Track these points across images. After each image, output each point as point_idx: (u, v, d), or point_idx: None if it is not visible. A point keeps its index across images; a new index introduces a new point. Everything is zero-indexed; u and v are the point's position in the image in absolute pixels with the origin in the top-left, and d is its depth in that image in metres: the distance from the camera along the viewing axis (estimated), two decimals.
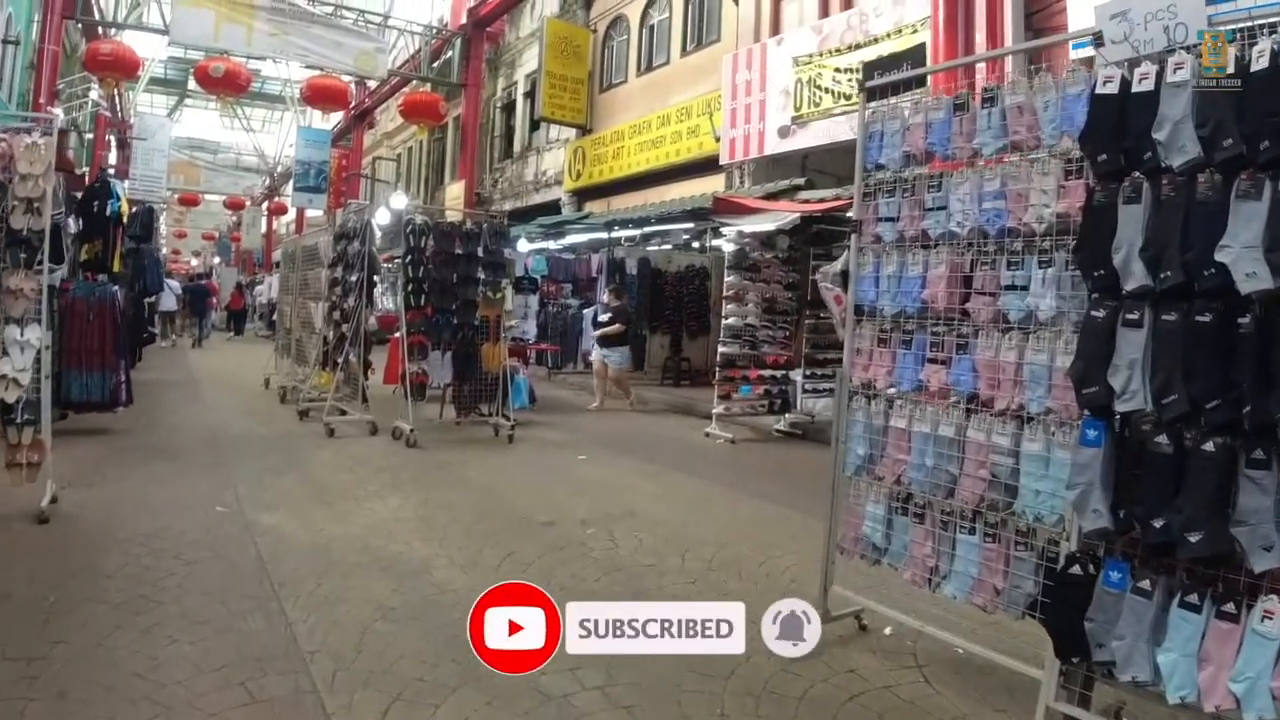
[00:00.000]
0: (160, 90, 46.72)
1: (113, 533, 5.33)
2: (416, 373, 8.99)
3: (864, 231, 4.10)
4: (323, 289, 10.62)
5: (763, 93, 14.73)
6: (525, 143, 24.22)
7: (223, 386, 13.58)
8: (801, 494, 7.38)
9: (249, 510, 5.97)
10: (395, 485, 7.00)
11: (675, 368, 15.18)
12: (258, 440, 8.88)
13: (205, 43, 19.69)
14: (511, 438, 9.27)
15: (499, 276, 9.43)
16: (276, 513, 5.93)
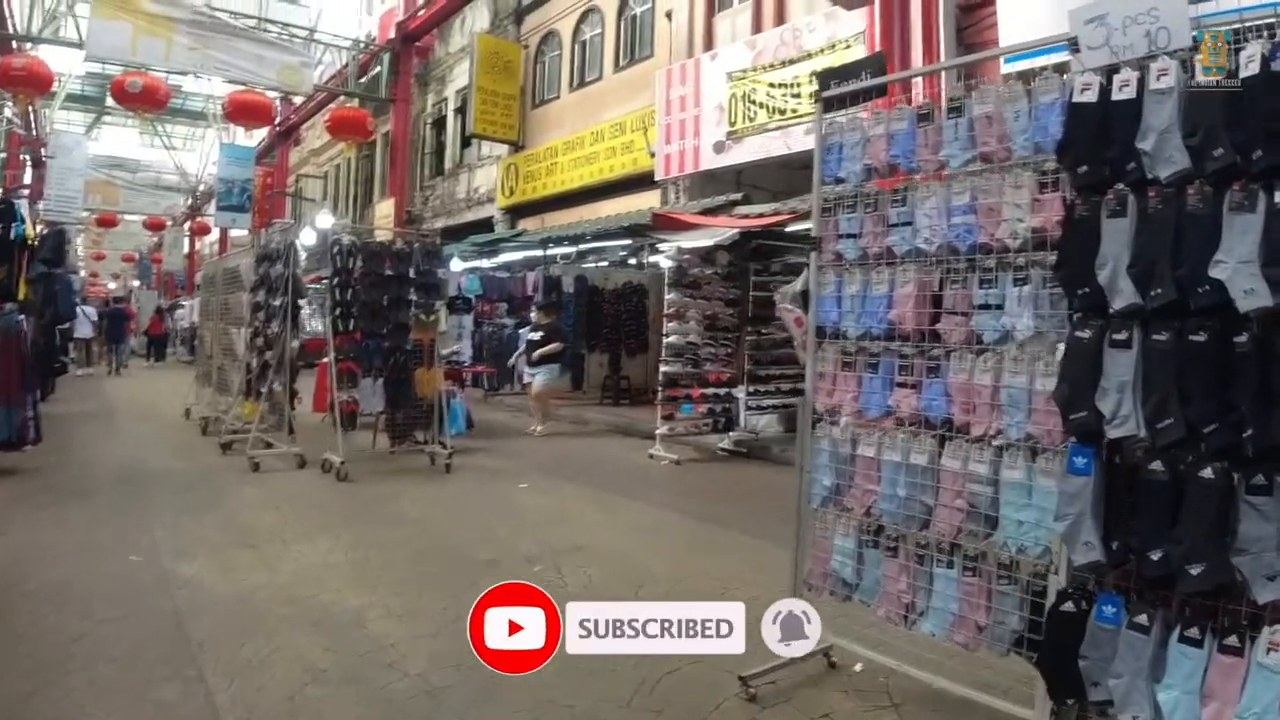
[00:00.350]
0: (78, 108, 45.03)
1: (18, 586, 4.85)
2: (346, 401, 8.53)
3: (824, 249, 3.86)
4: (245, 313, 10.09)
5: (697, 108, 14.59)
6: (457, 159, 23.76)
7: (141, 418, 12.88)
8: (753, 517, 7.16)
9: (166, 558, 5.49)
10: (325, 524, 6.56)
11: (615, 387, 14.89)
12: (177, 477, 8.32)
13: (122, 57, 18.81)
14: (449, 467, 8.85)
15: (432, 298, 9.03)
16: (195, 560, 5.46)
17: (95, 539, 5.90)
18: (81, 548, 5.63)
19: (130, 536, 5.99)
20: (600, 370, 15.09)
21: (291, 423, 9.12)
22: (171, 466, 8.86)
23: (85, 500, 7.12)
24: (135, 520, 6.51)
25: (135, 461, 9.07)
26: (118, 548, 5.66)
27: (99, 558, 5.44)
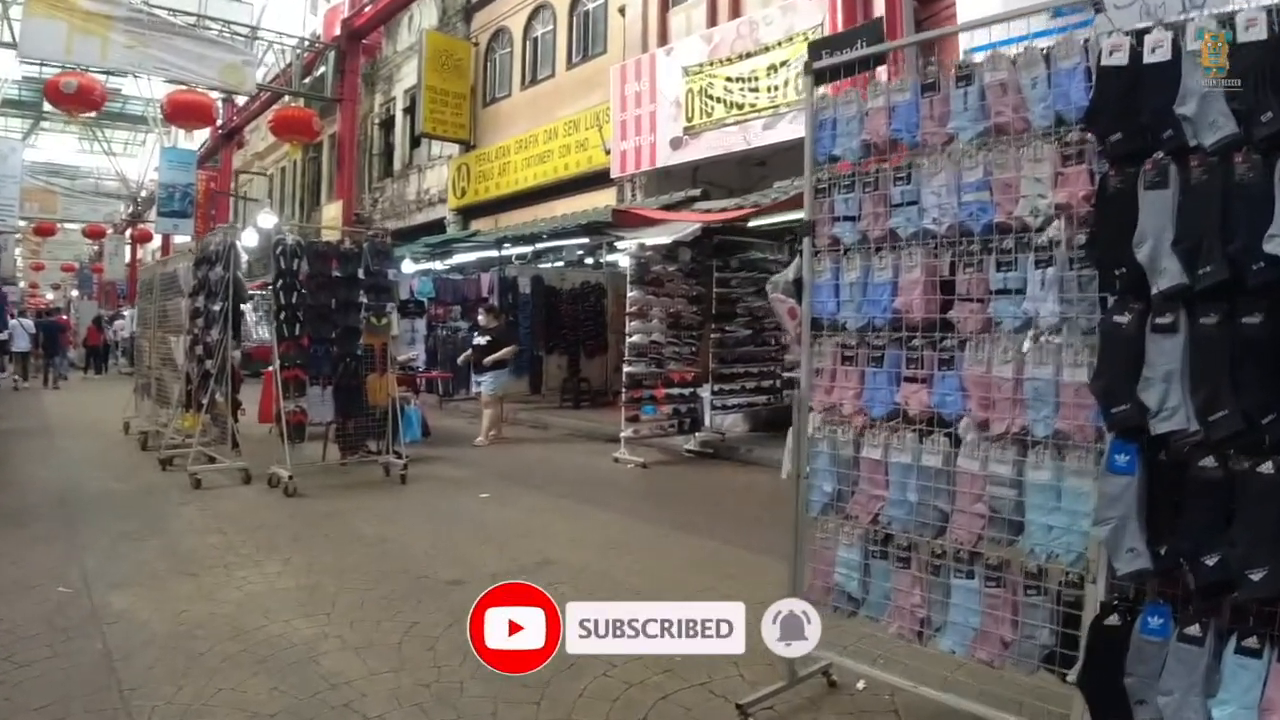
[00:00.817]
0: (14, 113, 43.45)
1: None
2: (293, 411, 8.03)
3: (818, 233, 3.52)
4: (184, 320, 9.53)
5: (653, 104, 14.26)
6: (406, 160, 23.17)
7: (78, 434, 12.17)
8: (728, 523, 6.86)
9: (97, 590, 4.99)
10: (273, 546, 6.07)
11: (574, 389, 14.47)
12: (114, 498, 7.75)
13: (57, 57, 17.93)
14: (404, 478, 8.39)
15: (383, 301, 8.55)
16: (130, 591, 4.97)
17: (21, 571, 5.36)
18: (6, 581, 5.10)
19: (60, 567, 5.47)
20: (559, 372, 14.67)
21: (235, 435, 8.58)
22: (109, 487, 8.27)
23: (13, 527, 6.54)
24: (66, 548, 5.98)
25: (70, 482, 8.47)
26: (45, 580, 5.14)
27: (24, 592, 4.92)
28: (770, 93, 12.29)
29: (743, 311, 10.99)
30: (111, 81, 38.32)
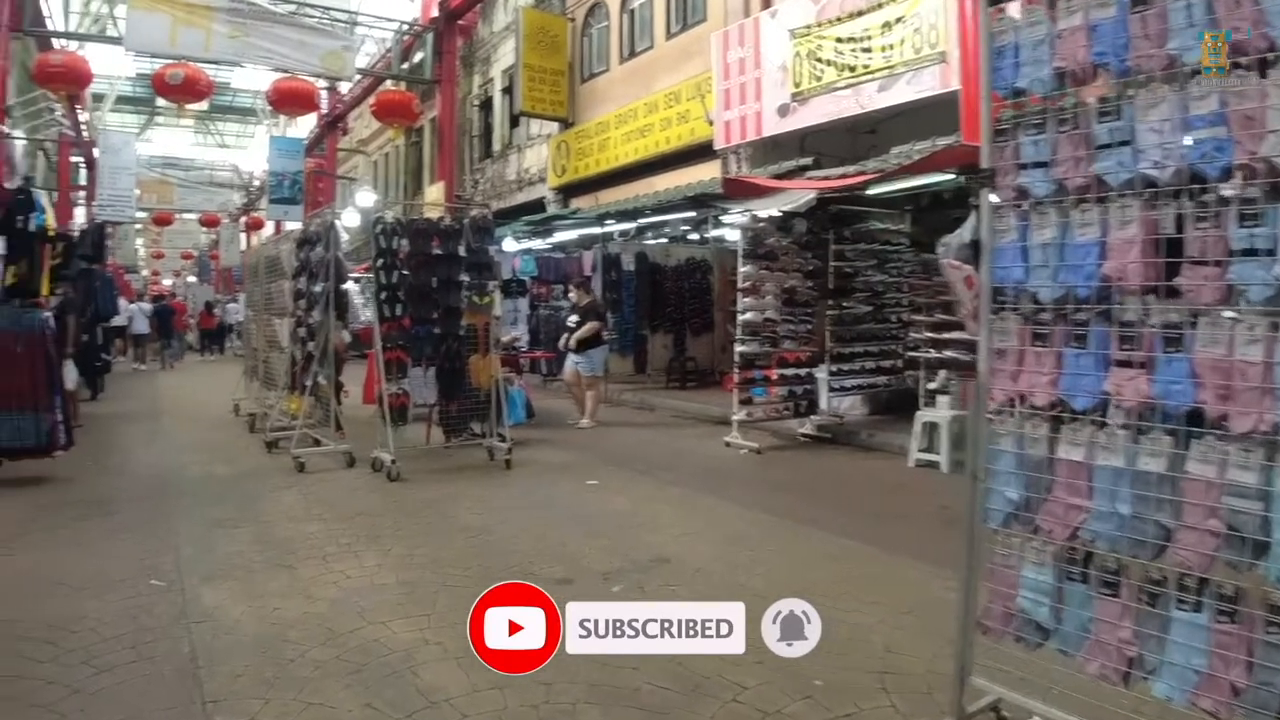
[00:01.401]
0: (130, 110, 45.38)
1: (14, 625, 4.11)
2: (396, 393, 7.76)
3: (1001, 184, 2.92)
4: (287, 303, 9.40)
5: (758, 70, 13.57)
6: (505, 140, 22.99)
7: (187, 417, 12.31)
8: (853, 516, 6.28)
9: (189, 583, 4.75)
10: (372, 536, 5.79)
11: (680, 369, 13.99)
12: (216, 483, 7.64)
13: (162, 49, 18.26)
14: (509, 462, 8.06)
15: (485, 279, 8.20)
16: (223, 586, 4.71)
17: (113, 562, 5.17)
18: (96, 574, 4.89)
19: (154, 558, 5.27)
20: (664, 352, 14.18)
21: (338, 418, 8.40)
22: (212, 471, 8.19)
23: (111, 514, 6.44)
24: (162, 536, 5.80)
25: (174, 466, 8.43)
26: (137, 573, 4.93)
27: (114, 585, 4.70)
28: (884, 52, 11.48)
29: (862, 286, 10.31)
30: (220, 75, 39.81)
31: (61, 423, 7.60)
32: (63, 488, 7.35)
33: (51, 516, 6.33)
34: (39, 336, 7.45)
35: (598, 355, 10.99)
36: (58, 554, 5.38)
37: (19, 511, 6.47)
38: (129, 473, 8.12)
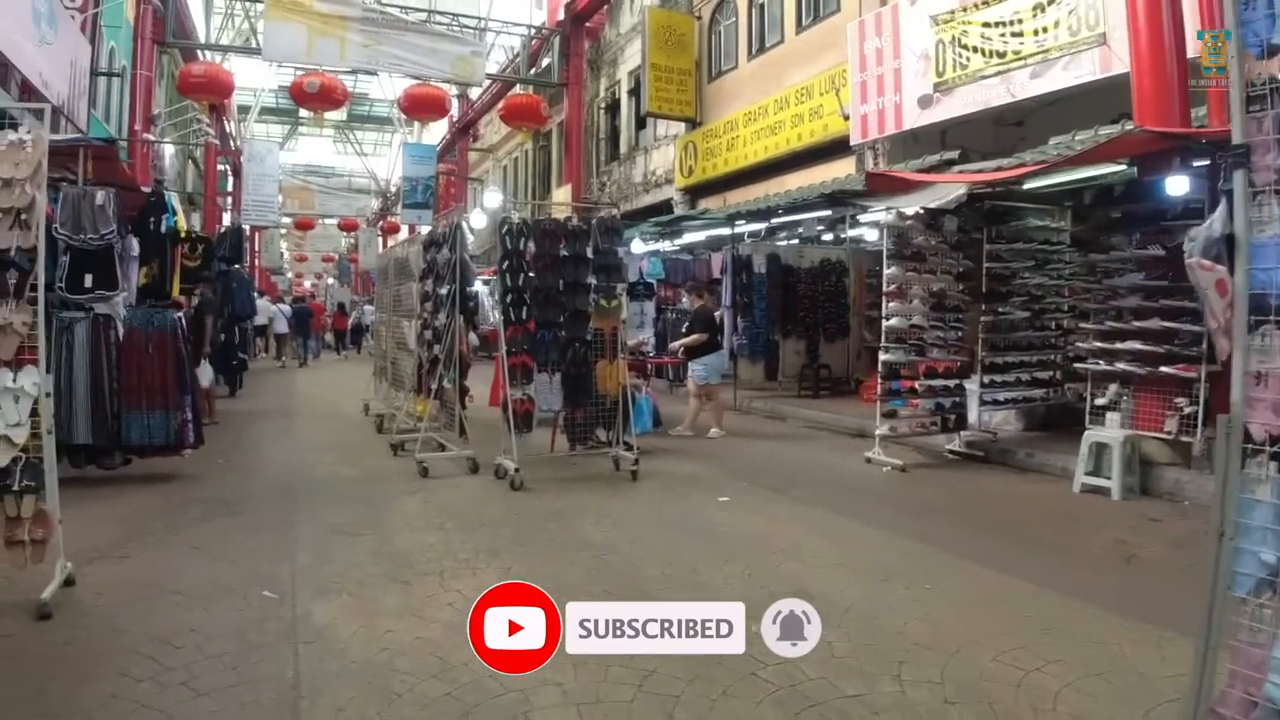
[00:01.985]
0: (274, 120, 47.53)
1: (121, 636, 3.94)
2: (521, 399, 7.47)
3: (1259, 164, 2.29)
4: (414, 305, 9.28)
5: (897, 60, 12.81)
6: (632, 142, 22.75)
7: (319, 416, 12.45)
8: (1018, 549, 5.61)
9: (302, 596, 4.50)
10: (493, 549, 5.45)
11: (813, 377, 13.32)
12: (340, 485, 7.51)
13: (299, 59, 18.86)
14: (635, 474, 7.64)
15: (613, 281, 7.83)
16: (335, 601, 4.44)
17: (228, 568, 5.01)
18: (209, 581, 4.71)
19: (269, 565, 5.08)
20: (796, 358, 13.52)
21: (463, 423, 8.17)
22: (338, 472, 8.09)
23: (233, 515, 6.35)
24: (281, 542, 5.64)
25: (301, 467, 8.38)
26: (251, 581, 4.72)
27: (226, 594, 4.50)
28: (1037, 36, 10.61)
29: (1018, 289, 9.47)
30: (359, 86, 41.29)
31: (191, 421, 7.62)
32: (190, 486, 7.36)
33: (176, 516, 6.29)
34: (170, 336, 7.48)
35: (712, 362, 10.39)
36: (175, 557, 5.26)
37: (146, 509, 6.47)
38: (257, 472, 8.10)
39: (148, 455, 7.58)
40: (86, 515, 6.07)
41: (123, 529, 5.93)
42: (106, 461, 7.55)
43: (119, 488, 7.22)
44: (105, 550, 5.36)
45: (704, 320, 10.43)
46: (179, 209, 7.46)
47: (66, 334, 7.37)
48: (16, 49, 9.79)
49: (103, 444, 7.43)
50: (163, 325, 7.48)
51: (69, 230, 7.32)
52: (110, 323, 7.47)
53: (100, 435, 7.40)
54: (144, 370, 7.43)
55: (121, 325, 7.46)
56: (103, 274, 7.39)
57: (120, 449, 7.50)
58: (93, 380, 7.37)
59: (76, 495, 6.73)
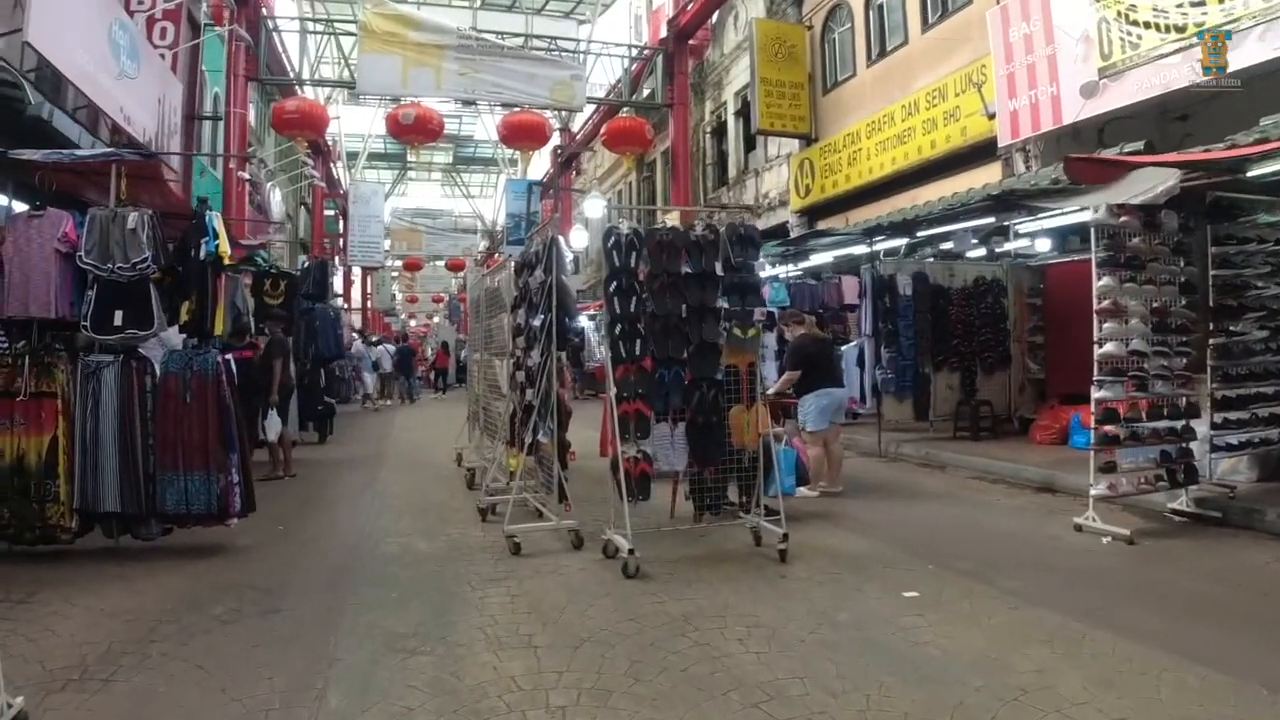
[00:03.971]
0: (383, 166, 47.64)
1: None
2: (635, 459, 5.69)
3: None
4: (506, 340, 7.68)
5: (1050, 46, 10.77)
6: (741, 166, 20.99)
7: (407, 466, 10.91)
8: None
9: None
10: (600, 690, 3.66)
11: (972, 415, 11.14)
12: (409, 567, 5.83)
13: (393, 91, 17.91)
14: (784, 553, 5.78)
15: (750, 304, 6.00)
16: None
17: (236, 706, 3.40)
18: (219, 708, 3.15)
19: (288, 706, 3.44)
20: (949, 394, 11.36)
21: (563, 487, 6.41)
22: (410, 546, 6.44)
23: (266, 614, 4.76)
24: (313, 663, 4.01)
25: (370, 537, 6.78)
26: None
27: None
28: (1222, 4, 8.50)
29: (1251, 303, 7.29)
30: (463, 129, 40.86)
31: (239, 484, 6.12)
32: (231, 564, 5.87)
33: (196, 612, 4.79)
34: (211, 383, 6.02)
35: (821, 404, 8.12)
36: (171, 685, 3.76)
37: (165, 600, 5.03)
38: (316, 545, 6.52)
39: (187, 525, 6.14)
40: (93, 608, 4.85)
41: (125, 631, 4.49)
42: (143, 531, 6.15)
43: (150, 565, 5.83)
44: (90, 668, 3.98)
45: (800, 355, 8.19)
46: (221, 231, 6.00)
47: (93, 380, 6.00)
48: (91, 81, 8.79)
49: (133, 511, 6.01)
50: (203, 370, 6.02)
51: (95, 259, 5.98)
52: (145, 367, 6.07)
53: (131, 501, 6.00)
54: (181, 423, 5.99)
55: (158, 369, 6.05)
56: (135, 310, 6.01)
57: (155, 516, 6.07)
58: (122, 435, 5.97)
59: (98, 574, 5.61)
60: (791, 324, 7.94)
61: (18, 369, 5.95)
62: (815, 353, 8.05)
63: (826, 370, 8.20)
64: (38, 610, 4.88)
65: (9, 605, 4.97)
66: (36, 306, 5.97)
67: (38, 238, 6.01)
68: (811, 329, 8.17)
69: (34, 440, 5.92)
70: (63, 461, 5.93)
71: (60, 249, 5.98)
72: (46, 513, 5.92)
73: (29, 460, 5.91)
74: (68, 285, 6.04)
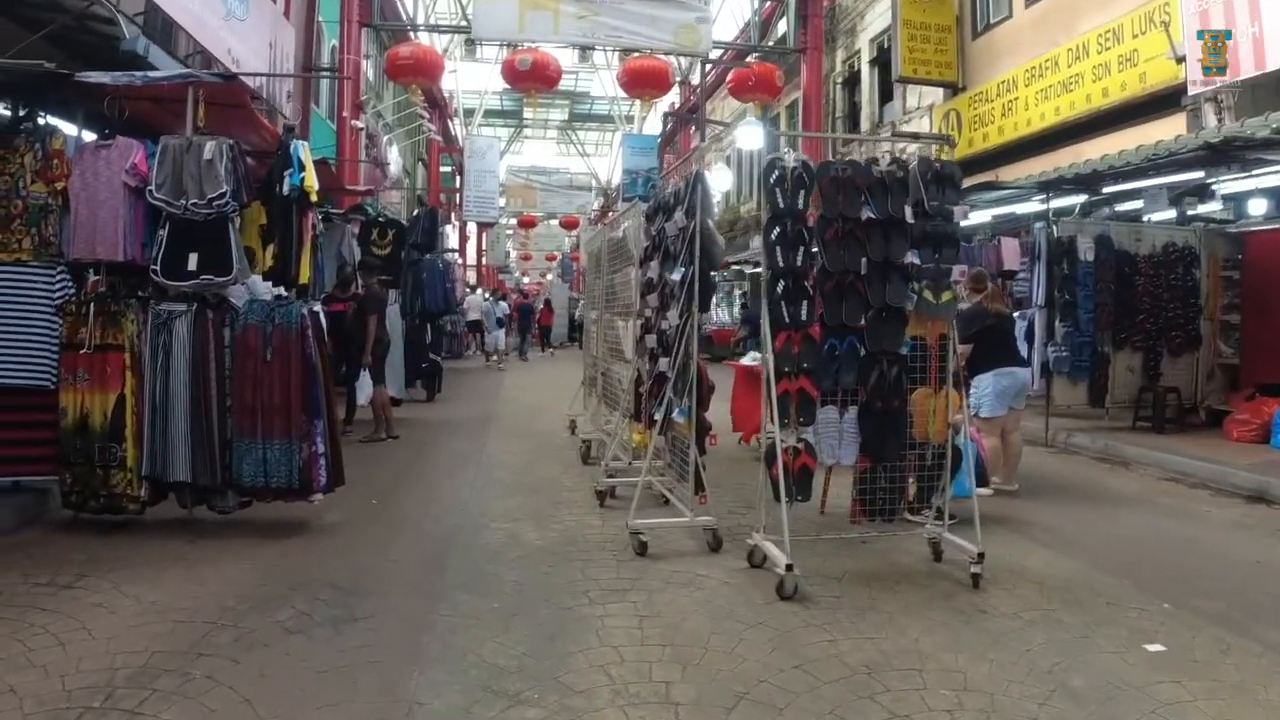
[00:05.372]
0: (500, 124, 47.06)
1: None
2: (796, 450, 4.48)
3: None
4: (633, 298, 6.54)
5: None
6: (875, 119, 19.22)
7: (517, 433, 9.93)
8: None
9: None
10: None
11: (1156, 403, 9.44)
12: (514, 566, 4.79)
13: (509, 36, 16.88)
14: (978, 578, 4.51)
15: (946, 261, 4.66)
16: None
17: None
18: None
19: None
20: (1130, 377, 9.64)
21: (700, 476, 5.22)
22: (518, 536, 5.41)
23: (339, 624, 3.82)
24: (389, 701, 3.06)
25: (470, 519, 5.79)
26: None
27: None
28: None
29: None
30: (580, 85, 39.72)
31: (324, 455, 5.20)
32: (312, 549, 4.98)
33: (259, 615, 3.92)
34: (296, 339, 5.09)
35: (989, 387, 6.62)
36: None
37: (227, 595, 4.17)
38: (410, 528, 5.56)
39: (265, 499, 5.27)
40: (143, 601, 4.04)
41: (173, 636, 3.66)
42: (219, 503, 5.31)
43: (221, 545, 5.02)
44: (116, 692, 3.15)
45: (976, 325, 6.48)
46: (308, 162, 5.02)
47: (164, 332, 5.14)
48: (196, 20, 8.14)
49: (205, 482, 5.17)
50: (286, 323, 5.09)
51: (168, 194, 5.09)
52: (223, 318, 5.18)
53: (203, 471, 5.15)
54: (260, 384, 5.09)
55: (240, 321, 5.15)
56: (212, 253, 5.11)
57: (231, 488, 5.22)
58: (195, 395, 5.11)
59: (160, 554, 4.82)
60: (970, 288, 6.48)
61: (82, 318, 5.16)
62: (995, 325, 6.59)
63: (1006, 346, 6.76)
64: (81, 600, 4.07)
65: (52, 591, 4.18)
66: (104, 248, 5.16)
67: (106, 170, 5.18)
68: (995, 296, 6.70)
69: (99, 399, 5.14)
70: (130, 423, 5.13)
71: (129, 182, 5.14)
72: (111, 480, 5.15)
73: (93, 421, 5.14)
74: (139, 224, 5.21)
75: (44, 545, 4.98)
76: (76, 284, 5.46)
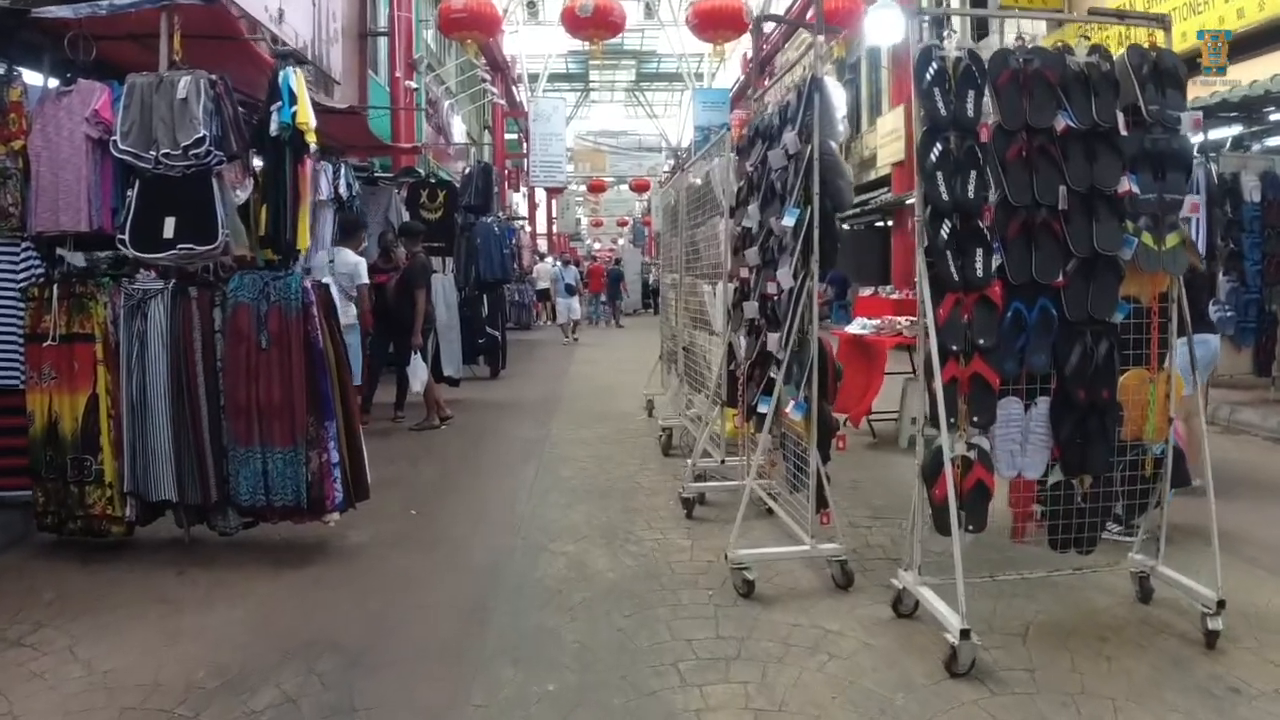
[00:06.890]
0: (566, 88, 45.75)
1: None
2: (967, 461, 3.16)
3: None
4: (721, 256, 5.25)
5: None
6: None
7: (586, 416, 8.70)
8: None
9: None
10: None
11: None
12: (578, 616, 3.57)
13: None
14: (1213, 636, 3.14)
15: (1172, 192, 3.24)
16: None
17: None
18: None
19: None
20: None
21: (823, 490, 3.89)
22: (583, 564, 4.19)
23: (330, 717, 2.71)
24: None
25: (525, 540, 4.57)
26: None
27: None
28: None
29: None
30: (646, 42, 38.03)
31: (338, 465, 4.08)
32: (324, 586, 3.88)
33: (230, 700, 2.81)
34: (296, 320, 3.95)
35: (1180, 358, 5.15)
36: None
37: (203, 657, 3.11)
38: (450, 554, 4.38)
39: (270, 520, 4.20)
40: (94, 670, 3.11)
41: None
42: (219, 522, 4.25)
43: (213, 578, 3.98)
44: None
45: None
46: (301, 93, 3.84)
47: (137, 317, 4.08)
48: None
49: (194, 500, 4.13)
50: (284, 300, 3.96)
51: (135, 144, 4.00)
52: (211, 298, 4.09)
53: (191, 487, 4.09)
54: (254, 378, 3.98)
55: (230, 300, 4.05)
56: (192, 216, 4.01)
57: (228, 505, 4.17)
58: (178, 395, 4.04)
59: (139, 594, 3.78)
60: None
61: (45, 303, 4.13)
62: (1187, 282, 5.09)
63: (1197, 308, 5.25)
64: (24, 666, 3.12)
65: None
66: (67, 216, 4.11)
67: (68, 121, 4.12)
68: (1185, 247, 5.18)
69: (68, 400, 4.11)
70: (106, 429, 4.10)
71: (91, 133, 4.05)
72: (88, 499, 4.14)
73: (63, 427, 4.13)
74: (106, 184, 4.13)
75: (18, 575, 4.03)
76: (47, 263, 4.45)
